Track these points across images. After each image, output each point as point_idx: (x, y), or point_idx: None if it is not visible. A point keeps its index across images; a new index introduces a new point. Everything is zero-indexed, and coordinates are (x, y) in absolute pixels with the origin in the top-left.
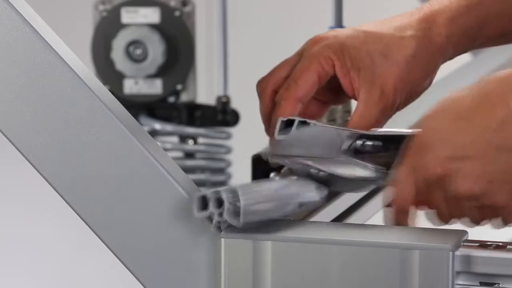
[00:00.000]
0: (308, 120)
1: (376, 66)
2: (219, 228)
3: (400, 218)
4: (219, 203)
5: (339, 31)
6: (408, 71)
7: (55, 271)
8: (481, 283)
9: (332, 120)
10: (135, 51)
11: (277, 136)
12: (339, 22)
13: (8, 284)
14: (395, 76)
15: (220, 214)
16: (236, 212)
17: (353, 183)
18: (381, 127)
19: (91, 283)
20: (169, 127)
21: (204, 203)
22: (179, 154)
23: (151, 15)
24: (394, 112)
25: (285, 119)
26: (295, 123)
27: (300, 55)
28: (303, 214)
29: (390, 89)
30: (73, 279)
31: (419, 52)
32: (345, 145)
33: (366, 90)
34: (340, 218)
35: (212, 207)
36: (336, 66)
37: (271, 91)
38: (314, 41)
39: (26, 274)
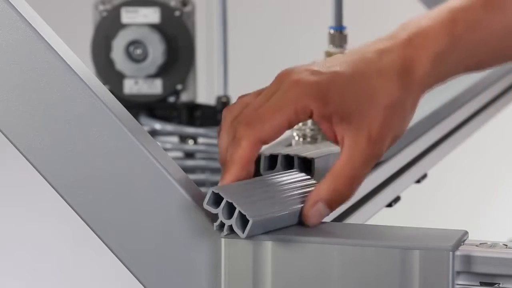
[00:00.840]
0: (291, 154)
1: (362, 111)
2: (221, 228)
3: None
4: (231, 207)
5: (319, 73)
6: (394, 114)
7: (55, 270)
8: (481, 283)
9: None
10: (135, 51)
11: (262, 172)
12: (339, 22)
13: (8, 284)
14: (381, 121)
15: (227, 217)
16: (243, 224)
17: None
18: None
19: (91, 282)
20: (169, 127)
21: (216, 200)
22: (179, 154)
23: (151, 15)
24: (379, 159)
25: (268, 154)
26: (279, 159)
27: (273, 91)
28: None
29: (377, 135)
30: (73, 278)
31: (404, 95)
32: None
33: (352, 136)
34: (340, 218)
35: (221, 210)
36: (315, 115)
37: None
38: (294, 82)
39: (26, 273)
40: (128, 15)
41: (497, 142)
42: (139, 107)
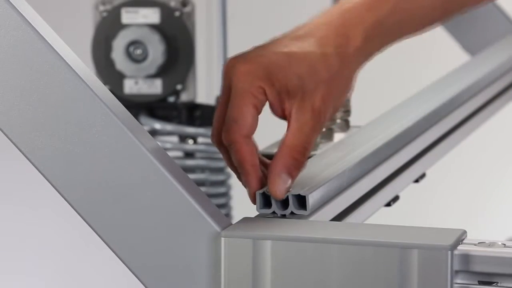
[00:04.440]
0: None
1: (304, 86)
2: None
3: None
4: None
5: (259, 56)
6: (333, 86)
7: (55, 268)
8: (480, 282)
9: (331, 120)
10: (135, 51)
11: (259, 210)
12: None
13: (8, 282)
14: (323, 94)
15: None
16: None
17: None
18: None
19: (91, 282)
20: (169, 127)
21: (265, 200)
22: (179, 153)
23: (151, 15)
24: (323, 127)
25: (262, 191)
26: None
27: (228, 86)
28: None
29: (320, 106)
30: (73, 278)
31: (342, 67)
32: None
33: (297, 109)
34: (339, 217)
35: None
36: (268, 93)
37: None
38: (239, 75)
39: (28, 271)
40: (128, 16)
41: (495, 141)
42: (139, 107)
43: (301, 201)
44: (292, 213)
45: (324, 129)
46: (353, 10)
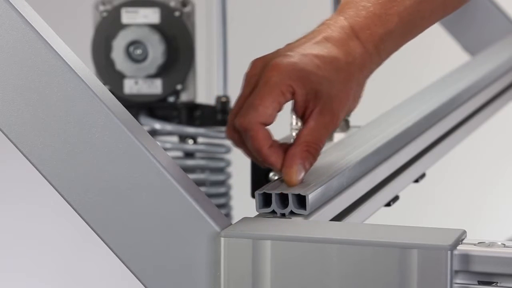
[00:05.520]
0: (285, 192)
1: (330, 90)
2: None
3: None
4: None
5: (290, 56)
6: (351, 92)
7: (55, 268)
8: (479, 282)
9: None
10: (135, 51)
11: (259, 210)
12: None
13: (8, 281)
14: (342, 98)
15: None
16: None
17: None
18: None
19: (91, 282)
20: (169, 126)
21: (265, 200)
22: (179, 153)
23: (151, 15)
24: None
25: (262, 191)
26: (273, 197)
27: (255, 83)
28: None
29: (338, 110)
30: (73, 277)
31: (358, 74)
32: None
33: (319, 111)
34: (339, 217)
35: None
36: (297, 93)
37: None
38: (272, 70)
39: (28, 271)
40: (128, 16)
41: (495, 141)
42: (139, 107)
43: (301, 200)
44: (291, 212)
45: None
46: (364, 22)
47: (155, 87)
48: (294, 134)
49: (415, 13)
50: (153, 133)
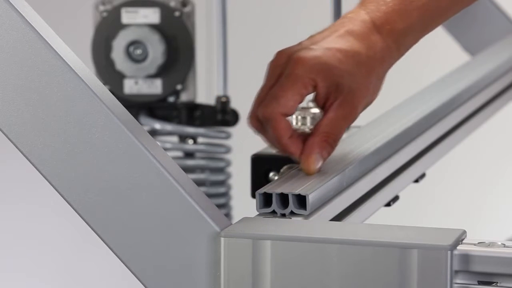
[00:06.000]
0: (285, 192)
1: (352, 84)
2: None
3: None
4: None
5: (313, 50)
6: (371, 86)
7: (55, 267)
8: (479, 282)
9: None
10: (135, 51)
11: (259, 210)
12: None
13: (8, 281)
14: (363, 92)
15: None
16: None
17: None
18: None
19: (91, 282)
20: (169, 126)
21: (265, 200)
22: (179, 153)
23: (151, 15)
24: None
25: (262, 192)
26: (274, 197)
27: (279, 75)
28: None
29: (358, 103)
30: (73, 277)
31: (378, 69)
32: None
33: (339, 103)
34: (339, 217)
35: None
36: (319, 86)
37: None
38: (295, 62)
39: (27, 269)
40: (128, 16)
41: (495, 141)
42: (139, 107)
43: (301, 200)
44: (292, 212)
45: None
46: (385, 17)
47: (155, 87)
48: None
49: (434, 7)
50: (153, 133)
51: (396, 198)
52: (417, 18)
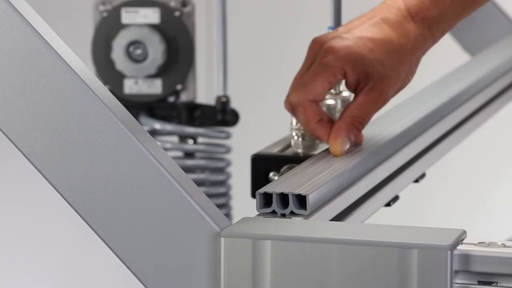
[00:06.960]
0: (285, 192)
1: (381, 71)
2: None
3: None
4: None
5: (346, 40)
6: (402, 73)
7: (55, 267)
8: (479, 282)
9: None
10: (135, 51)
11: (259, 210)
12: (337, 23)
13: (8, 281)
14: (393, 78)
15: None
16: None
17: None
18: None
19: (91, 282)
20: (169, 126)
21: (265, 200)
22: (179, 153)
23: (151, 15)
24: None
25: (262, 192)
26: (274, 197)
27: (311, 62)
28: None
29: (388, 90)
30: (73, 277)
31: (411, 56)
32: None
33: (369, 88)
34: (339, 217)
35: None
36: (348, 75)
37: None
38: (326, 51)
39: (27, 269)
40: (128, 16)
41: (495, 141)
42: (139, 107)
43: (301, 200)
44: (292, 212)
45: None
46: (419, 5)
47: (155, 87)
48: (294, 134)
49: None
50: (153, 133)
51: (396, 198)
52: (451, 6)
